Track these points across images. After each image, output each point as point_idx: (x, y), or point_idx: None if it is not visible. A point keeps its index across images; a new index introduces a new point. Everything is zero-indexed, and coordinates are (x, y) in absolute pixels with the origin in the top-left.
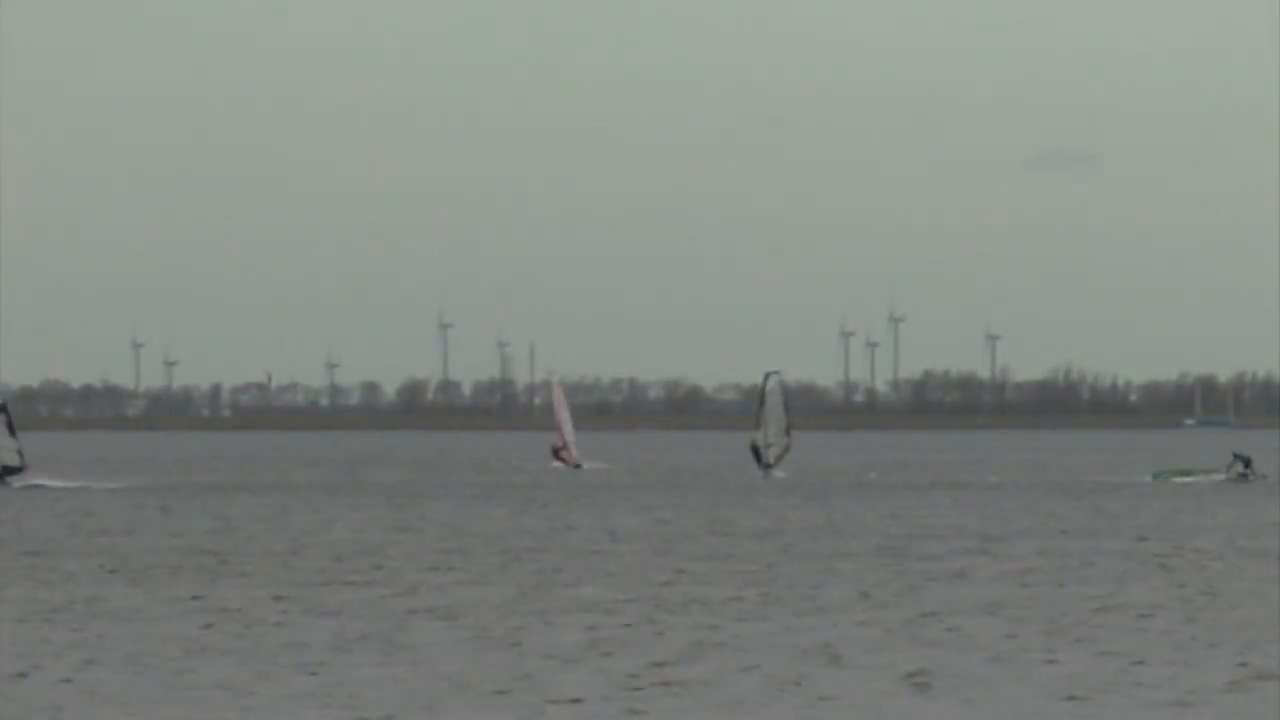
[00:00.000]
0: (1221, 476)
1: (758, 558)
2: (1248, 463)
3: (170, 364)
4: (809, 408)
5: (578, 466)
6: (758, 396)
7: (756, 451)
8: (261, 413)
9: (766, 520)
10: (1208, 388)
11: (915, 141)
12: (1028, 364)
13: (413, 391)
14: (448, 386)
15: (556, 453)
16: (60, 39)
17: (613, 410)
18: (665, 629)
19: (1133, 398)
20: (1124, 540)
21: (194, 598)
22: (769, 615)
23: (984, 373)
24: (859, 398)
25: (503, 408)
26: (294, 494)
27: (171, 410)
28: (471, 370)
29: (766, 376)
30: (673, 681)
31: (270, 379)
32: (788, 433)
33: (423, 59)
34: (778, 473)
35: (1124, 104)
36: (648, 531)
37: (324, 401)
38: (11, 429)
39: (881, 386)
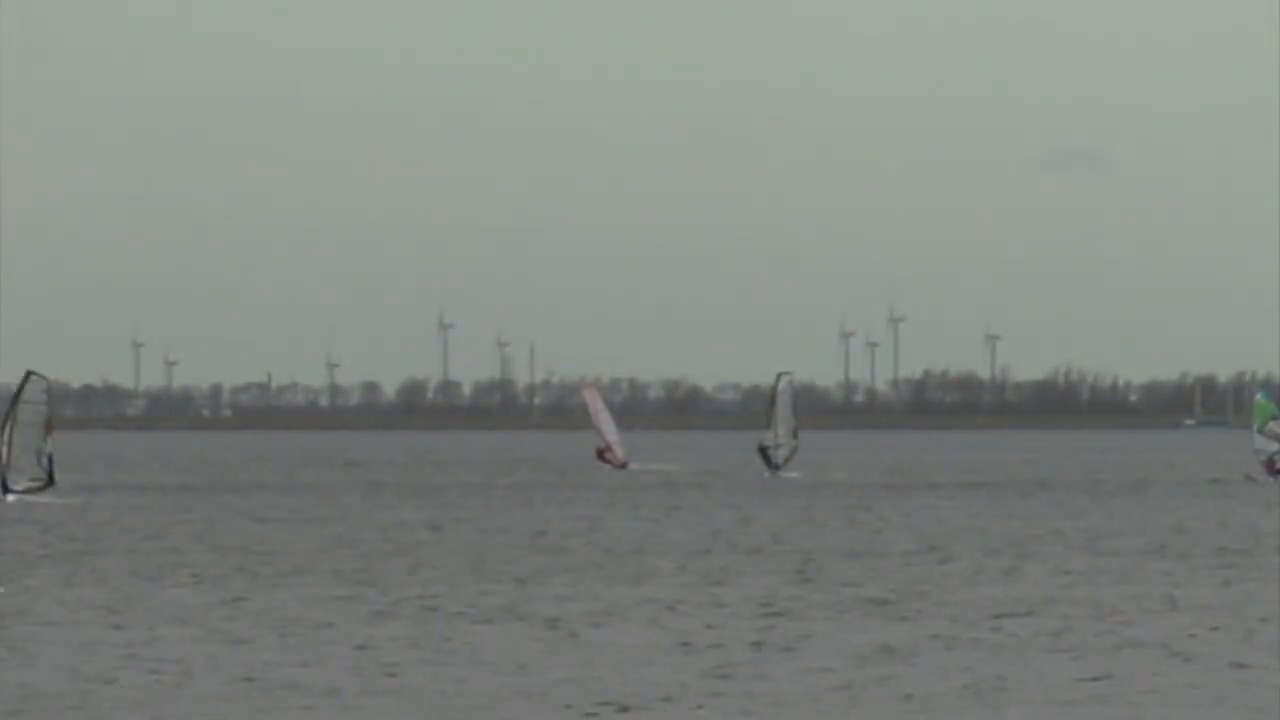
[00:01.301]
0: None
1: (891, 558)
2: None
3: (170, 364)
4: (809, 408)
5: (623, 466)
6: (768, 397)
7: (765, 453)
8: (261, 413)
9: (869, 520)
10: (1208, 388)
11: (915, 141)
12: (1027, 364)
13: (413, 391)
14: (448, 386)
15: (601, 454)
16: (60, 39)
17: (613, 410)
18: (836, 630)
19: (1133, 398)
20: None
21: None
22: (925, 616)
23: (984, 373)
24: (859, 398)
25: (503, 408)
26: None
27: (171, 410)
28: (471, 370)
29: (778, 377)
30: (860, 683)
31: (270, 379)
32: (795, 434)
33: (423, 59)
34: (788, 473)
35: (1121, 105)
36: (759, 531)
37: (324, 401)
38: None
39: (881, 386)
